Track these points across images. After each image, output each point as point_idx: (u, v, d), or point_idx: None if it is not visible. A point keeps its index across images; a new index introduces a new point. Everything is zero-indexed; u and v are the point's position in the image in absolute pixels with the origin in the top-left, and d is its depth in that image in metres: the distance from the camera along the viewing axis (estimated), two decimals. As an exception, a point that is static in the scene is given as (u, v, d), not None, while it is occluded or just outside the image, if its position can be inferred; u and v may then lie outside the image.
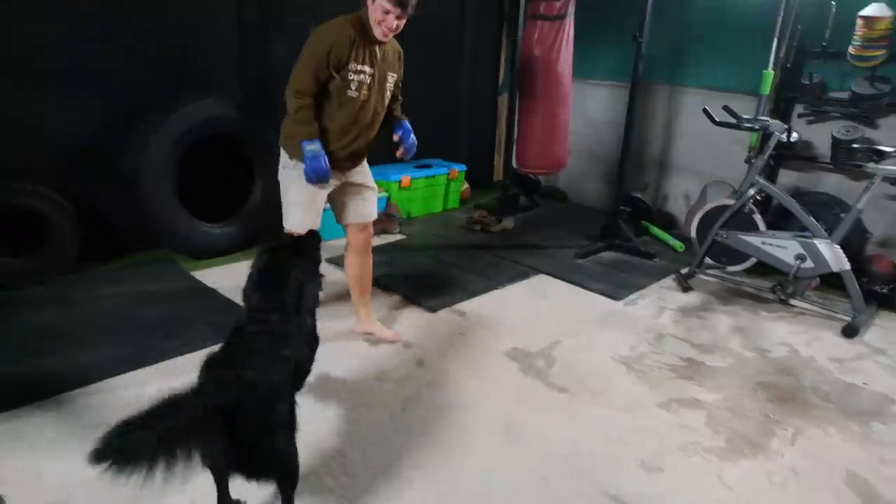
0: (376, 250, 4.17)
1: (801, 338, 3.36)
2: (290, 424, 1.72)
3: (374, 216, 3.04)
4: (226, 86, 4.14)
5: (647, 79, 4.60)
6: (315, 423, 2.43)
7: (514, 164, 5.18)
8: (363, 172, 2.98)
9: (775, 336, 3.37)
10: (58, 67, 3.48)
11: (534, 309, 3.59)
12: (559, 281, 3.98)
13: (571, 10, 4.32)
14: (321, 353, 2.92)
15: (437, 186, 5.29)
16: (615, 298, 3.74)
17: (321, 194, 2.78)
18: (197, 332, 2.99)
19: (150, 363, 2.73)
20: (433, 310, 3.46)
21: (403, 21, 2.55)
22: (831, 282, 3.72)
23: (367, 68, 2.63)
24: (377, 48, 2.66)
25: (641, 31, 4.09)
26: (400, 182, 4.92)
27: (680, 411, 2.65)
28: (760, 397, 2.79)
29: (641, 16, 4.06)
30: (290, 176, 2.76)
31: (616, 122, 4.69)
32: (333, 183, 2.81)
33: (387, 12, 2.47)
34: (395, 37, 2.69)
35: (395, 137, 2.90)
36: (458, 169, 5.42)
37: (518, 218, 5.22)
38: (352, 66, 2.57)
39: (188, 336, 2.96)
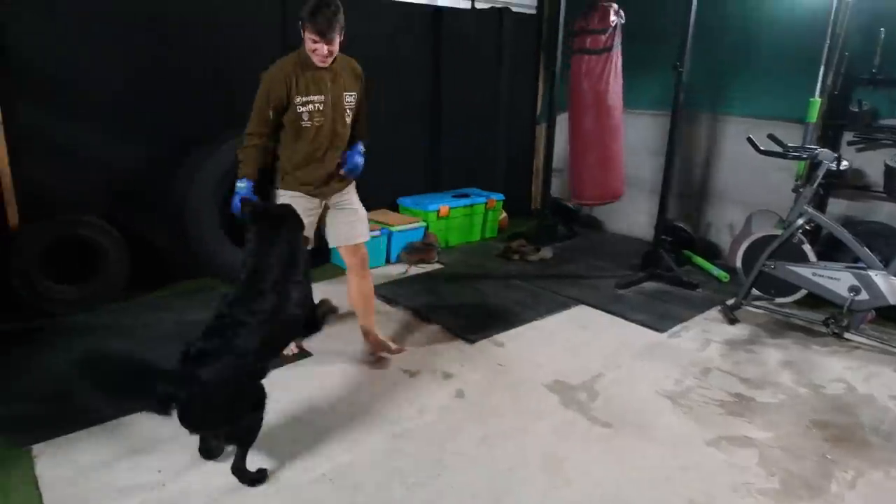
0: (415, 280, 4.23)
1: (858, 374, 3.21)
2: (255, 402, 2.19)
3: (363, 238, 3.09)
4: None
5: (689, 107, 4.55)
6: (355, 454, 2.42)
7: (572, 199, 5.09)
8: (347, 195, 3.04)
9: (830, 371, 3.23)
10: (110, 102, 3.65)
11: (574, 340, 3.53)
12: (600, 312, 3.91)
13: (618, 41, 4.28)
14: (359, 384, 2.92)
15: (475, 216, 5.30)
16: (658, 330, 3.65)
17: (306, 216, 2.80)
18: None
19: (194, 390, 2.77)
20: (472, 341, 3.43)
21: (335, 45, 2.67)
22: (888, 315, 3.56)
23: (314, 97, 2.75)
24: (326, 73, 2.76)
25: (682, 61, 4.07)
26: (438, 211, 4.94)
27: (730, 449, 2.55)
28: (816, 436, 2.66)
29: (682, 45, 4.04)
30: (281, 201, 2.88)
31: (657, 151, 4.65)
32: (316, 208, 2.94)
33: (315, 42, 2.63)
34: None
35: (338, 159, 2.92)
36: (496, 198, 5.43)
37: (556, 247, 5.18)
38: (297, 99, 2.71)
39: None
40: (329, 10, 2.57)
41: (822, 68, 4.02)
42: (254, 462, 2.26)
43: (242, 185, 2.72)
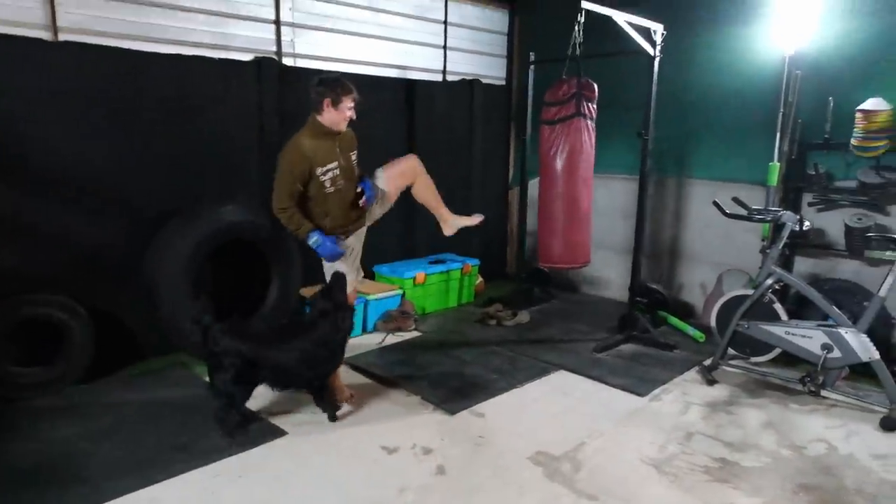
0: (392, 349, 4.18)
1: (838, 432, 3.21)
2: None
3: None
4: (247, 192, 4.28)
5: (657, 171, 4.71)
6: (333, 542, 2.31)
7: (539, 263, 5.07)
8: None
9: (810, 431, 3.23)
10: (77, 178, 3.61)
11: (556, 408, 3.48)
12: (580, 377, 3.89)
13: (585, 110, 4.39)
14: (336, 462, 2.83)
15: (451, 281, 5.31)
16: (639, 394, 3.63)
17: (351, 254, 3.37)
18: (208, 444, 2.93)
19: (161, 478, 2.65)
20: (452, 412, 3.37)
21: None
22: (862, 371, 3.61)
23: (332, 164, 3.14)
24: (333, 141, 3.17)
25: (646, 129, 4.23)
26: (414, 278, 4.94)
27: (718, 519, 2.50)
28: (803, 500, 2.63)
29: (646, 114, 4.22)
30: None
31: (629, 214, 4.75)
32: (353, 243, 3.38)
33: (350, 109, 3.13)
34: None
35: (358, 189, 3.32)
36: (472, 263, 5.46)
37: (533, 311, 5.19)
38: (319, 170, 3.09)
39: (198, 448, 2.88)
40: None
41: (777, 134, 4.22)
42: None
43: (315, 238, 3.11)
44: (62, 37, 3.49)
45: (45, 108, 3.47)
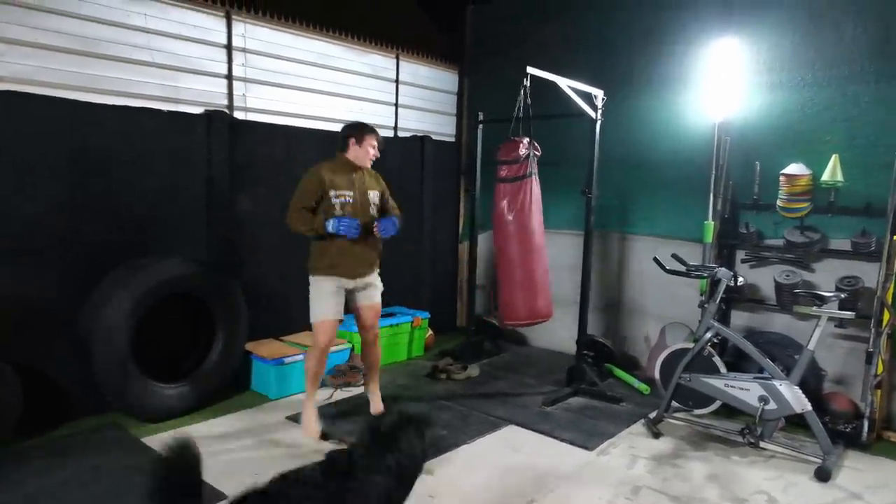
0: (340, 405, 4.09)
1: (777, 484, 3.30)
2: None
3: (380, 302, 3.85)
4: (194, 245, 4.20)
5: (600, 227, 4.88)
6: None
7: (503, 322, 4.98)
8: (371, 278, 3.78)
9: (751, 484, 3.31)
10: (11, 228, 3.47)
11: (505, 464, 3.46)
12: (529, 431, 3.89)
13: (533, 169, 4.51)
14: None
15: (401, 335, 5.28)
16: (587, 448, 3.65)
17: (342, 292, 3.65)
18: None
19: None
20: (401, 470, 3.30)
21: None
22: (796, 421, 3.74)
23: (347, 192, 3.55)
24: (355, 175, 3.62)
25: (590, 187, 4.41)
26: (364, 332, 4.88)
27: (666, 576, 2.51)
28: (746, 555, 2.67)
29: (589, 173, 4.41)
30: (320, 285, 3.59)
31: (574, 268, 4.89)
32: (350, 285, 3.66)
33: (373, 147, 3.66)
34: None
35: (366, 248, 3.67)
36: (422, 316, 5.46)
37: (483, 364, 5.20)
38: (332, 192, 3.50)
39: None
40: None
41: (711, 195, 4.47)
42: None
43: (332, 223, 3.43)
44: (2, 87, 3.41)
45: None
